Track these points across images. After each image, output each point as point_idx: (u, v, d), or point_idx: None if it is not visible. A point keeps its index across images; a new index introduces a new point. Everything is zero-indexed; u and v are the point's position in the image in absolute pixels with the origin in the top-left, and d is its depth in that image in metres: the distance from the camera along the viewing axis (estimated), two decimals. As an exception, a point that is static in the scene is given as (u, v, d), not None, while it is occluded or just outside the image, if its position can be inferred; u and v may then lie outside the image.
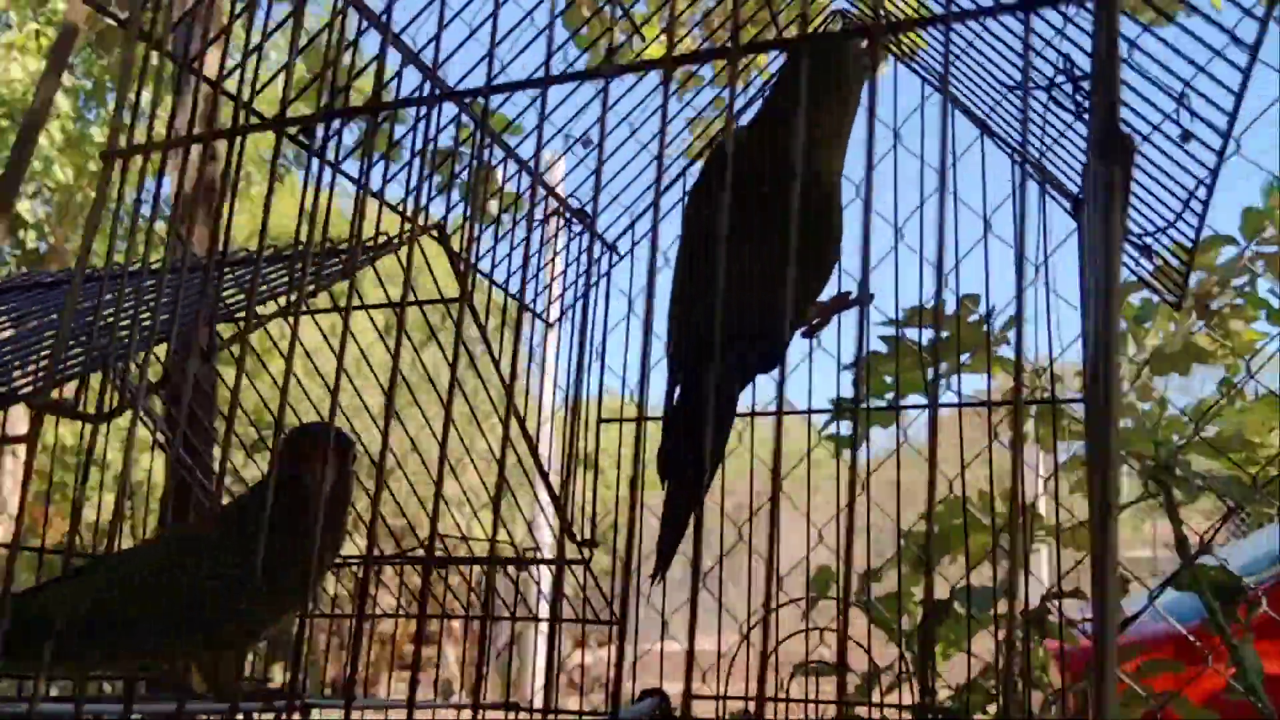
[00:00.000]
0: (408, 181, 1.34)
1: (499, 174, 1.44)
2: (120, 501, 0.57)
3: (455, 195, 1.39)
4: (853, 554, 0.96)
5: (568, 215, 1.39)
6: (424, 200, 1.32)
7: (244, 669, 1.16)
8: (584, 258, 1.38)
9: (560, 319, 1.44)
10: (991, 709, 1.38)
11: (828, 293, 0.93)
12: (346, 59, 0.82)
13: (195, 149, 2.33)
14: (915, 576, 1.34)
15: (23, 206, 6.14)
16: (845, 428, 1.36)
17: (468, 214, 1.38)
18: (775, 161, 0.76)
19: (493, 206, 1.39)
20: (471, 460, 1.31)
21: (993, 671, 1.36)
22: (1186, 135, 0.79)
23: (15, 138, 2.05)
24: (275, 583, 0.91)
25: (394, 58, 0.89)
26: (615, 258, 1.43)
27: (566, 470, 1.24)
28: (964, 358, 1.33)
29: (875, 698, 1.37)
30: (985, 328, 1.30)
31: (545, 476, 1.24)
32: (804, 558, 1.32)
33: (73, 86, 6.04)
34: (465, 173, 1.38)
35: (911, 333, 1.37)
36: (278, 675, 1.64)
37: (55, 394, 0.61)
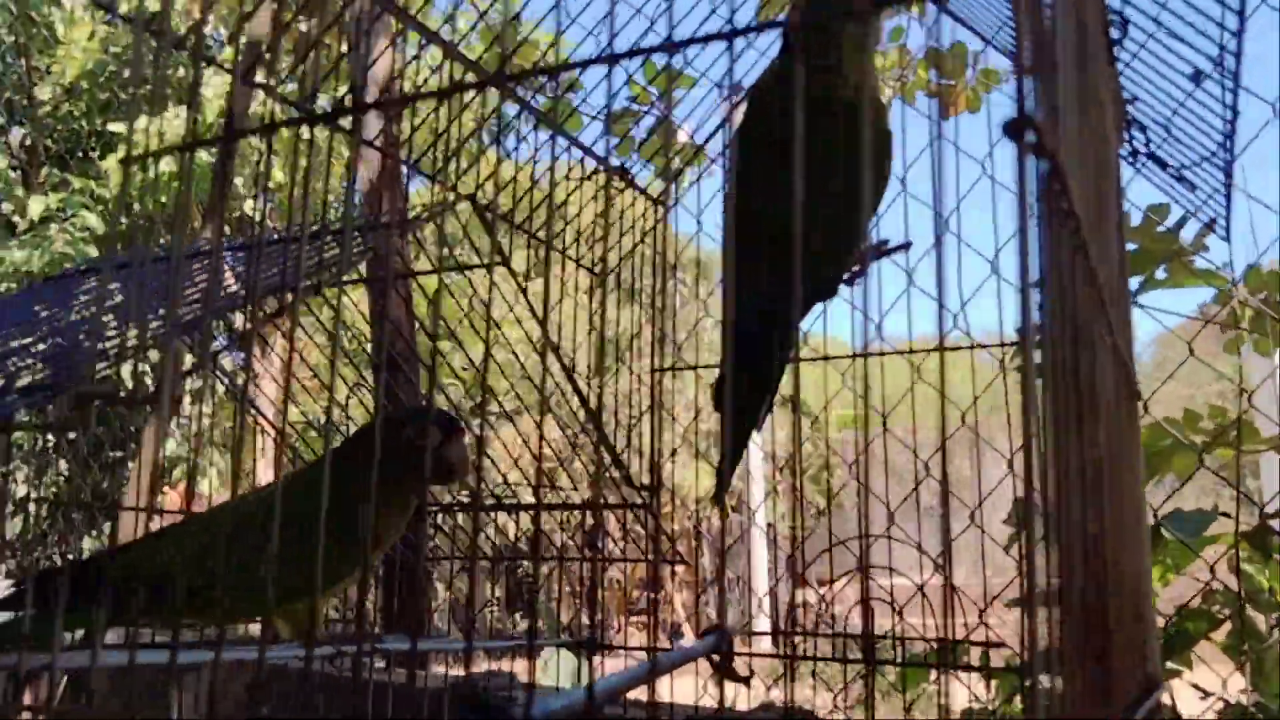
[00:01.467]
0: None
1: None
2: (191, 460, 0.63)
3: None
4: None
5: (612, 175, 1.46)
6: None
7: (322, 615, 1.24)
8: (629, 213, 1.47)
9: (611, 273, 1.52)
10: (1217, 635, 1.31)
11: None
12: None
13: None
14: (1119, 503, 1.28)
15: (248, 205, 6.65)
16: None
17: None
18: (817, 104, 0.78)
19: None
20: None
21: (1215, 595, 1.29)
22: (1198, 75, 0.79)
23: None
24: (347, 539, 0.94)
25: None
26: (660, 211, 1.51)
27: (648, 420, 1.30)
28: (1159, 271, 1.25)
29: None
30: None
31: (599, 426, 1.29)
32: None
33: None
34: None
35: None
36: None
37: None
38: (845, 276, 0.99)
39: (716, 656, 1.04)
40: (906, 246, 0.89)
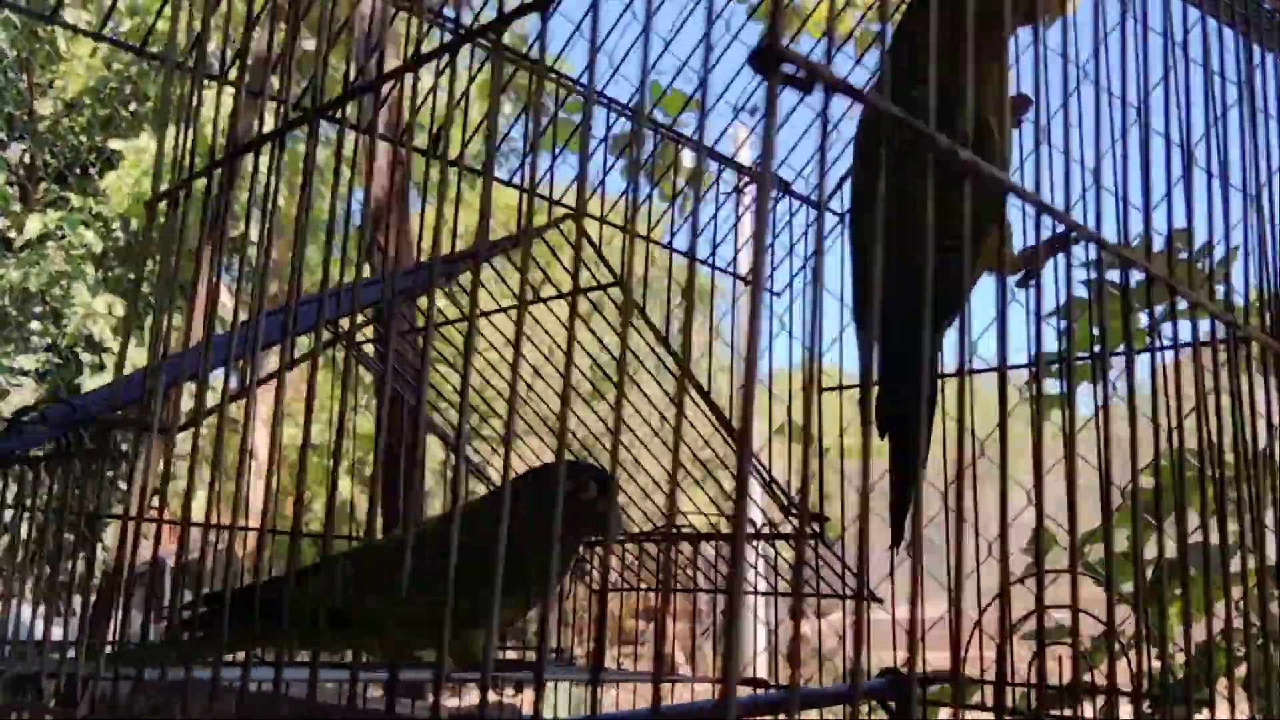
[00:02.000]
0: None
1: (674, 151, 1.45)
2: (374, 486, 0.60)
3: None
4: (1056, 516, 0.90)
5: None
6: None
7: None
8: (792, 224, 1.38)
9: (788, 288, 1.44)
10: (1238, 671, 1.28)
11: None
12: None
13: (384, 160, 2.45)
14: (1142, 536, 1.25)
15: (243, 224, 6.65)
16: (1049, 385, 1.29)
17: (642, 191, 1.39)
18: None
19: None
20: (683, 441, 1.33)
21: (1230, 634, 1.26)
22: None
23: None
24: (520, 579, 1.00)
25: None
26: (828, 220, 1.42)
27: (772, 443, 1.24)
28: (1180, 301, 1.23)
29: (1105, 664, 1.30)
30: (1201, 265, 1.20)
31: (747, 448, 1.23)
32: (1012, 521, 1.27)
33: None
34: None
35: (1116, 276, 1.28)
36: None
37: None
38: (1016, 279, 0.93)
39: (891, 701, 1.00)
40: (1082, 238, 0.79)
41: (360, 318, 1.20)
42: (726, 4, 1.41)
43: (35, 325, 6.46)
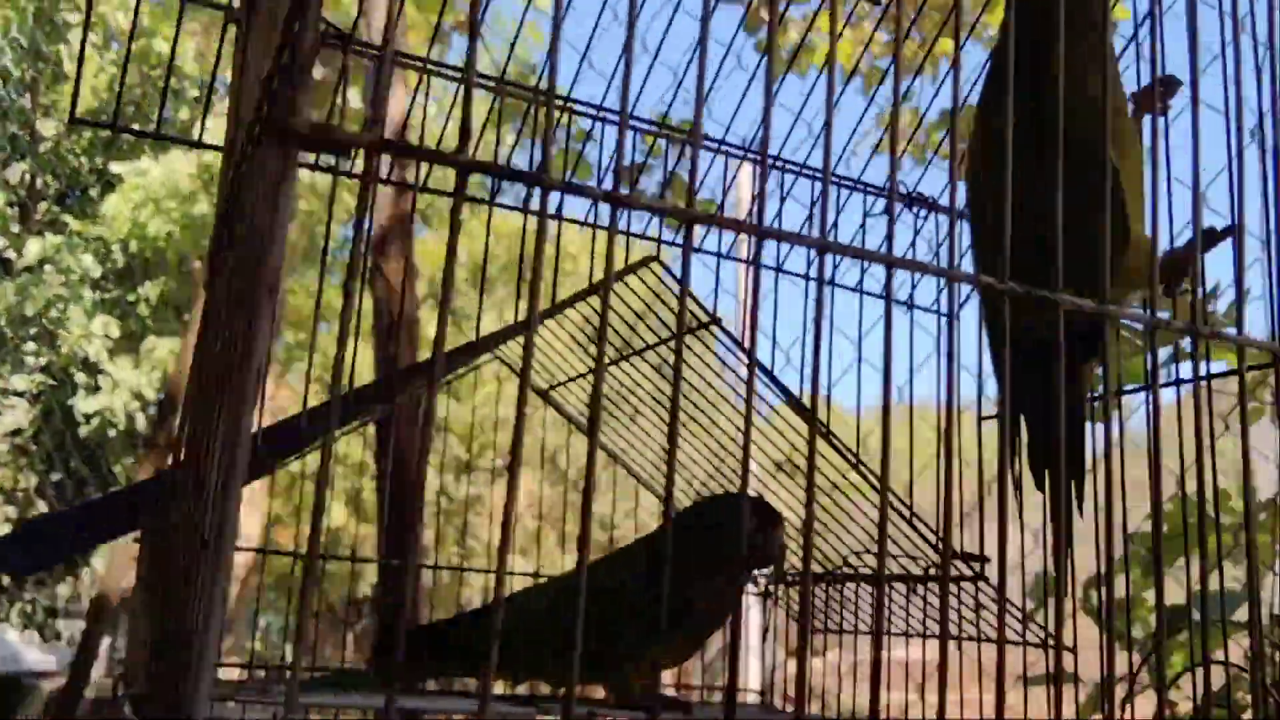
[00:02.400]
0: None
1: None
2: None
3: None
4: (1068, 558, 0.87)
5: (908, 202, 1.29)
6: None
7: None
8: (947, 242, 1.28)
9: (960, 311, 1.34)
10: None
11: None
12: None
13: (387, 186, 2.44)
14: (1145, 581, 1.24)
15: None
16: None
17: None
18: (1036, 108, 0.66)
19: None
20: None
21: (1237, 684, 1.24)
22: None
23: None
24: (686, 623, 1.02)
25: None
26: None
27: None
28: (1185, 343, 1.22)
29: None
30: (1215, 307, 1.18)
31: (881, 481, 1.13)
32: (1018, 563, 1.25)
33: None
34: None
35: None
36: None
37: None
38: (1164, 288, 0.88)
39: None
40: (1231, 231, 0.72)
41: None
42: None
43: (30, 346, 6.44)
